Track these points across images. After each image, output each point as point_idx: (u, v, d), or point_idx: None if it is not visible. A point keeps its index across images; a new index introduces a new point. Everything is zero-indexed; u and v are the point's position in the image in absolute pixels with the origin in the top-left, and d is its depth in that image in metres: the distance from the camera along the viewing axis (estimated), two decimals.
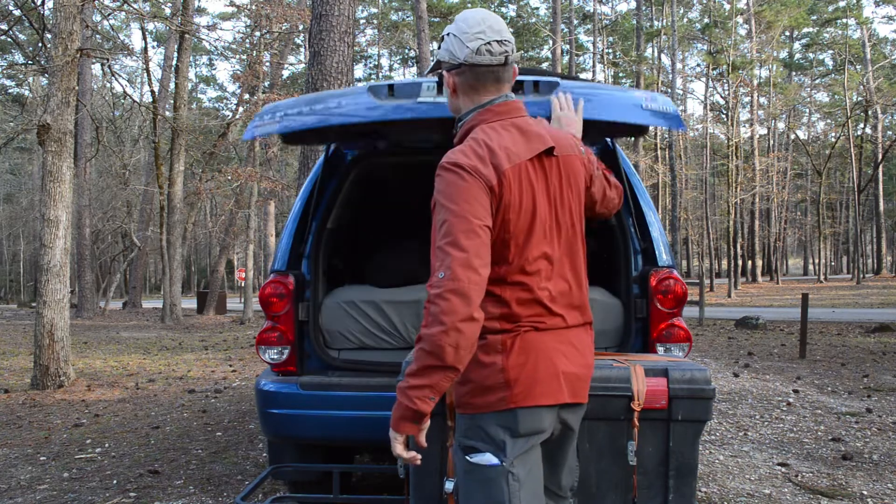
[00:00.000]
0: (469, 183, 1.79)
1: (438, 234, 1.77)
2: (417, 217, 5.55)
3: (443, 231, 1.76)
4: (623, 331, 3.62)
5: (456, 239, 1.73)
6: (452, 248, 1.72)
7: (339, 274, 4.36)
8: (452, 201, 1.77)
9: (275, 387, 3.40)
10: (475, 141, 1.89)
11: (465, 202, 1.76)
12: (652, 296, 3.44)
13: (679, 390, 2.49)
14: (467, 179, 1.79)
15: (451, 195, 1.79)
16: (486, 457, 1.87)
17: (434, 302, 1.70)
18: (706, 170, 41.07)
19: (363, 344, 3.72)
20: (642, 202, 3.77)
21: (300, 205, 3.88)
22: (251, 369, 10.19)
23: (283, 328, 3.51)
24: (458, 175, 1.80)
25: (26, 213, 28.11)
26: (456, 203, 1.76)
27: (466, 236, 1.73)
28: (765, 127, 47.08)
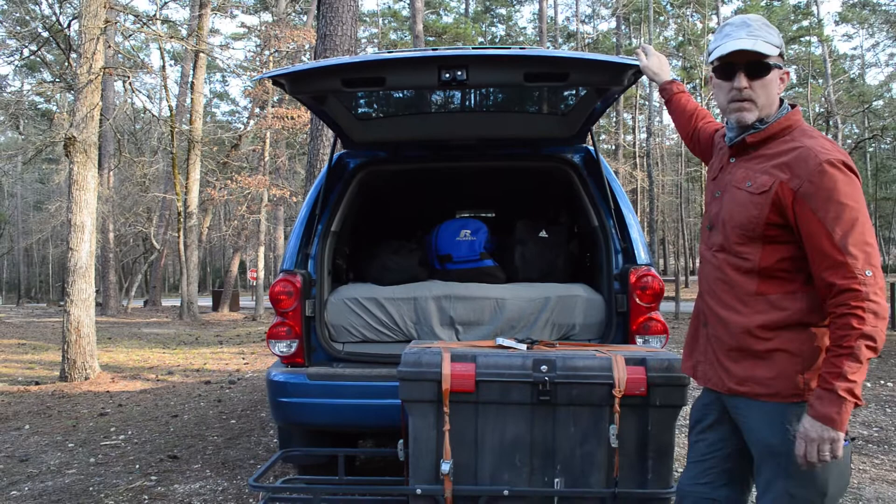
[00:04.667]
0: (858, 183, 1.83)
1: (850, 231, 1.78)
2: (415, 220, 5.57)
3: (858, 229, 1.78)
4: (605, 324, 3.63)
5: (871, 238, 1.79)
6: (871, 247, 1.78)
7: (343, 273, 4.36)
8: (855, 200, 1.79)
9: (284, 377, 3.40)
10: (829, 141, 1.90)
11: (863, 202, 1.82)
12: (631, 291, 3.44)
13: (657, 378, 2.49)
14: (857, 180, 1.84)
15: (855, 195, 1.80)
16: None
17: (872, 300, 1.75)
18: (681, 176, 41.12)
19: (365, 338, 3.72)
20: (622, 205, 3.77)
21: (307, 209, 3.88)
22: (262, 362, 10.17)
23: (292, 323, 3.50)
24: (855, 174, 1.83)
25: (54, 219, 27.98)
26: (858, 202, 1.79)
27: (871, 234, 1.80)
28: None
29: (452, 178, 5.00)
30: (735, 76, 1.96)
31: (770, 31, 1.95)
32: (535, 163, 4.18)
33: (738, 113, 1.98)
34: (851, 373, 1.72)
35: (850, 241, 1.76)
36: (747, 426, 1.94)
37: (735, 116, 1.99)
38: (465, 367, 2.53)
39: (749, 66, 1.94)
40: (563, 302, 3.66)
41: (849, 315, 1.74)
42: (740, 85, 1.95)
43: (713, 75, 2.02)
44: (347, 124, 3.96)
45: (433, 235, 4.36)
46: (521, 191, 5.47)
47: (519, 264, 4.20)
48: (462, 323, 3.69)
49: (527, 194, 5.51)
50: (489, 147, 4.15)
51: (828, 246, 1.79)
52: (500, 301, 3.68)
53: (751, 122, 1.97)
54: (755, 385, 1.89)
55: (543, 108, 4.10)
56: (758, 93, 1.95)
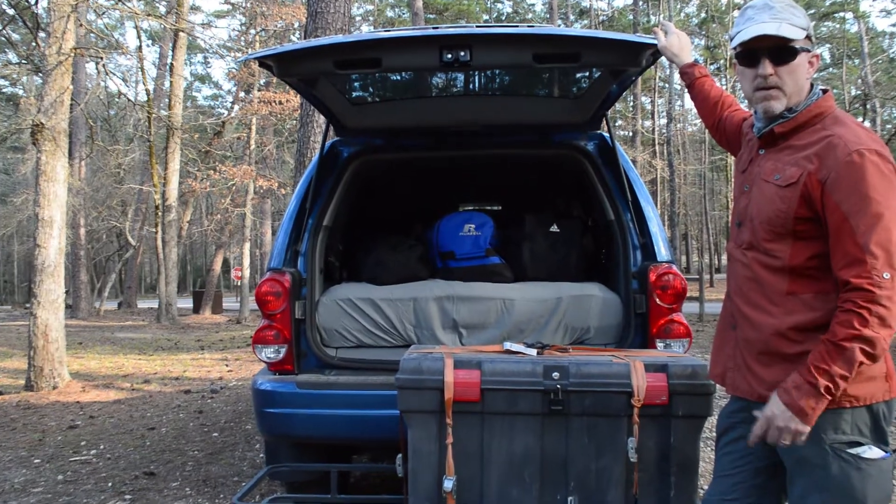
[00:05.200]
0: (893, 177, 1.80)
1: (874, 227, 1.76)
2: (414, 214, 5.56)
3: (883, 225, 1.76)
4: (622, 327, 3.62)
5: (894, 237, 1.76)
6: (893, 246, 1.75)
7: (336, 272, 4.36)
8: (885, 194, 1.78)
9: (272, 386, 3.39)
10: (864, 129, 1.88)
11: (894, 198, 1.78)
12: (651, 291, 3.44)
13: (679, 386, 2.48)
14: (893, 172, 1.80)
15: (885, 188, 1.78)
16: (871, 450, 1.85)
17: (883, 304, 1.74)
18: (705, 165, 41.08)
19: (360, 342, 3.72)
20: (640, 198, 3.77)
21: (296, 202, 3.88)
22: (248, 369, 10.18)
23: (280, 327, 3.50)
24: (891, 165, 1.81)
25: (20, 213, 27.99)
26: (888, 196, 1.77)
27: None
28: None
29: (455, 168, 4.99)
30: (759, 63, 1.95)
31: (795, 11, 1.95)
32: (544, 151, 4.17)
33: (765, 102, 1.97)
34: (839, 373, 1.75)
35: (874, 238, 1.75)
36: None
37: (762, 106, 1.99)
38: (469, 375, 2.52)
39: (773, 51, 1.93)
40: (577, 303, 3.66)
41: (853, 313, 1.74)
42: (765, 72, 1.94)
43: (736, 62, 2.02)
44: (340, 110, 3.95)
45: (434, 231, 4.36)
46: (529, 182, 5.46)
47: (528, 262, 4.20)
48: (466, 326, 3.69)
49: (536, 185, 5.50)
50: (495, 134, 4.15)
51: (849, 242, 1.78)
52: (507, 302, 3.67)
53: (778, 112, 1.97)
54: None
55: (554, 92, 4.08)
56: (784, 79, 1.94)
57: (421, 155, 4.27)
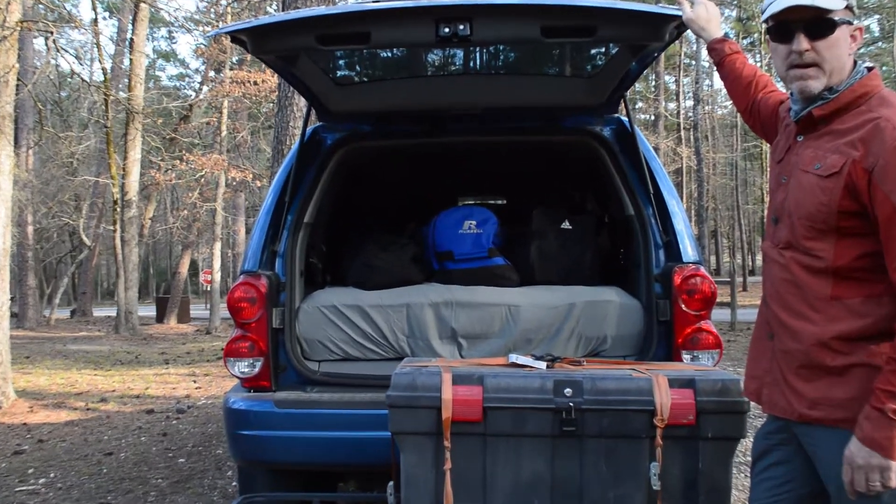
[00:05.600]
0: None
1: None
2: (408, 209, 5.56)
3: None
4: (643, 336, 3.63)
5: None
6: None
7: (319, 275, 4.35)
8: None
9: (246, 405, 3.39)
10: None
11: None
12: (676, 296, 3.44)
13: (708, 404, 2.48)
14: None
15: None
16: None
17: None
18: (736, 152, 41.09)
19: (346, 355, 3.72)
20: (664, 190, 3.77)
21: (274, 196, 3.87)
22: (218, 385, 10.17)
23: (255, 337, 3.50)
24: None
25: None
26: None
27: None
28: None
29: (454, 157, 4.99)
30: (793, 37, 1.95)
31: None
32: (555, 137, 4.17)
33: (801, 82, 1.97)
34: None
35: None
36: (822, 459, 1.93)
37: (797, 86, 1.98)
38: (470, 391, 2.52)
39: (809, 24, 1.93)
40: (592, 309, 3.66)
41: None
42: (800, 48, 1.94)
43: (768, 38, 2.01)
44: (324, 91, 3.95)
45: (430, 228, 4.36)
46: (538, 172, 5.46)
47: (536, 263, 4.20)
48: (466, 336, 3.69)
49: (545, 176, 5.50)
50: (499, 118, 4.15)
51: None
52: (512, 308, 3.68)
53: (817, 92, 1.96)
54: (831, 409, 1.89)
55: (565, 71, 4.08)
56: (823, 56, 1.94)
57: (415, 142, 4.27)
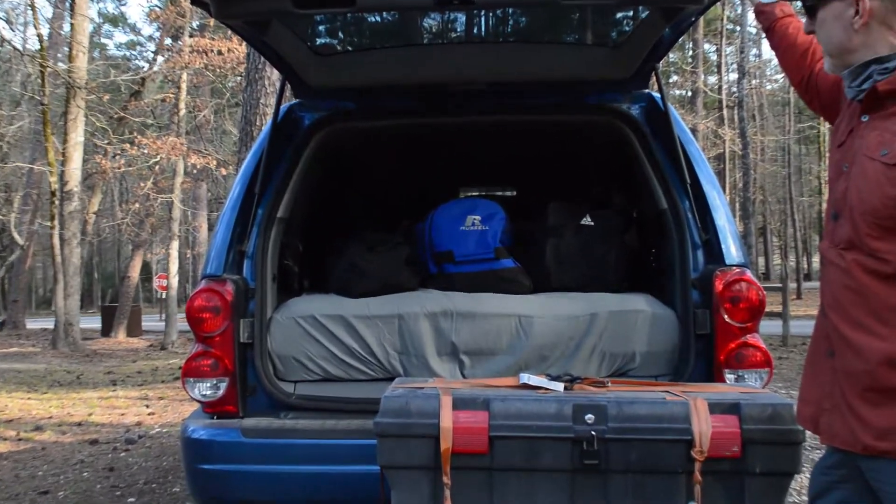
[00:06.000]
0: None
1: None
2: (400, 202, 5.56)
3: None
4: (679, 353, 3.63)
5: None
6: None
7: (295, 280, 4.35)
8: None
9: (208, 434, 3.39)
10: None
11: None
12: (718, 305, 3.44)
13: (756, 433, 2.48)
14: None
15: None
16: None
17: None
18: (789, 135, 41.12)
19: (328, 374, 3.73)
20: (703, 180, 3.77)
21: (241, 187, 3.88)
22: (175, 411, 10.16)
23: (219, 354, 3.50)
24: None
25: None
26: None
27: None
28: None
29: (454, 140, 4.98)
30: None
31: None
32: (574, 117, 4.17)
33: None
34: None
35: None
36: (891, 498, 1.93)
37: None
38: (473, 418, 2.52)
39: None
40: (617, 320, 3.66)
41: None
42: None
43: None
44: (301, 62, 3.95)
45: (426, 224, 4.36)
46: (554, 158, 5.46)
47: (552, 265, 4.20)
48: (469, 352, 3.69)
49: (563, 164, 5.50)
50: (507, 95, 4.15)
51: None
52: (523, 319, 3.68)
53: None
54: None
55: (586, 38, 4.09)
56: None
57: (408, 123, 4.27)
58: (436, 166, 5.66)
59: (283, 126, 4.03)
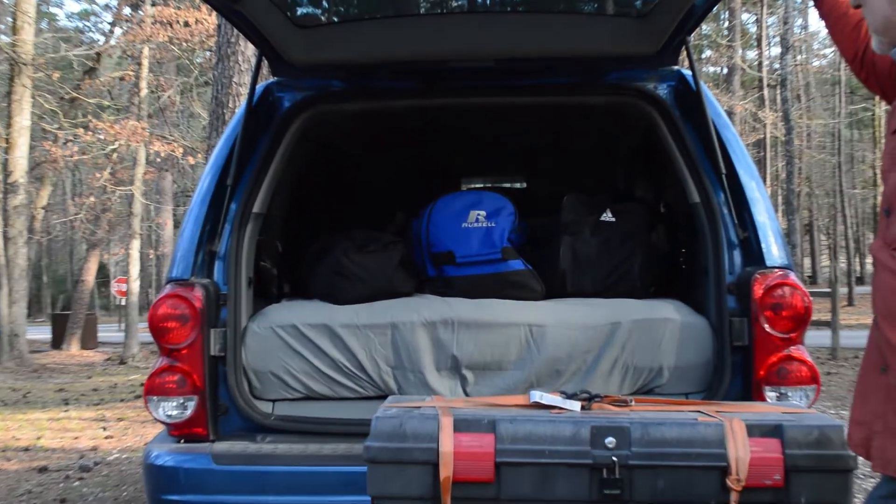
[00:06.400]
0: None
1: None
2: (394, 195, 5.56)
3: None
4: (713, 367, 3.64)
5: None
6: None
7: (274, 284, 4.36)
8: None
9: (174, 460, 3.39)
10: None
11: None
12: (757, 313, 3.45)
13: (801, 458, 2.48)
14: None
15: None
16: None
17: None
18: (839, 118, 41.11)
19: (311, 392, 3.73)
20: (740, 169, 3.78)
21: (212, 178, 3.89)
22: (137, 434, 10.16)
23: (187, 368, 3.51)
24: None
25: None
26: None
27: None
28: None
29: (456, 124, 4.99)
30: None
31: None
32: (593, 98, 4.18)
33: None
34: None
35: None
36: None
37: None
38: (478, 441, 2.53)
39: None
40: (642, 330, 3.67)
41: None
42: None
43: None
44: (280, 35, 3.95)
45: (423, 220, 4.36)
46: (569, 145, 5.47)
47: (567, 267, 4.21)
48: (472, 366, 3.70)
49: (580, 151, 5.51)
50: (517, 73, 4.15)
51: None
52: (535, 329, 3.68)
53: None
54: None
55: (607, 7, 4.09)
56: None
57: (403, 104, 4.27)
58: (435, 155, 5.67)
59: (260, 108, 4.04)
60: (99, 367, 20.90)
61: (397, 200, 5.25)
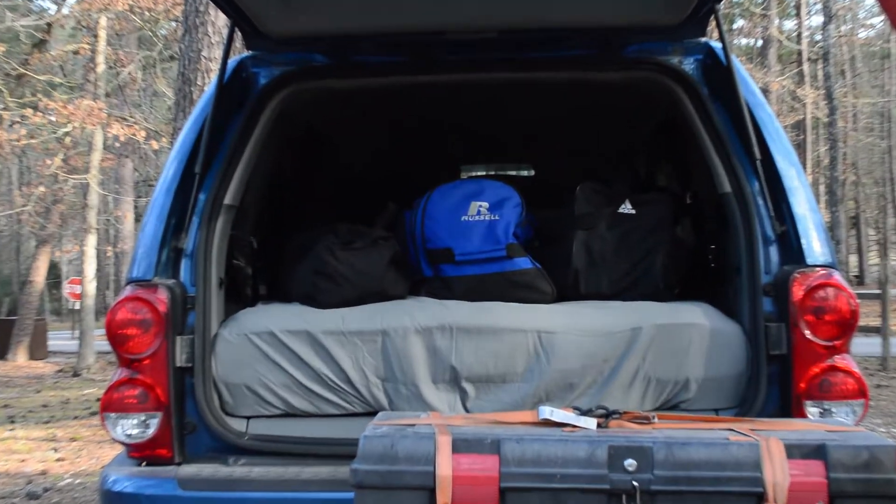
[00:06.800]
0: None
1: None
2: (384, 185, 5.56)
3: None
4: (746, 379, 3.64)
5: None
6: None
7: (248, 285, 4.36)
8: None
9: (135, 486, 3.40)
10: None
11: None
12: (797, 317, 3.45)
13: (847, 483, 2.49)
14: None
15: None
16: None
17: None
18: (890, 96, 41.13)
19: (290, 408, 3.73)
20: (777, 154, 3.78)
21: (178, 165, 3.89)
22: (92, 456, 10.16)
23: (149, 381, 3.51)
24: None
25: None
26: None
27: None
28: None
29: (455, 104, 4.99)
30: None
31: None
32: (610, 74, 4.17)
33: None
34: None
35: None
36: None
37: None
38: (480, 464, 2.53)
39: None
40: (667, 337, 3.67)
41: None
42: None
43: None
44: (255, 2, 3.95)
45: (418, 213, 4.36)
46: (583, 128, 5.47)
47: (580, 265, 4.21)
48: (473, 378, 3.70)
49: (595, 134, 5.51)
50: (524, 46, 4.15)
51: None
52: (544, 336, 3.68)
53: None
54: None
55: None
56: None
57: (395, 81, 4.27)
58: (431, 139, 5.67)
59: (232, 86, 4.03)
60: (49, 379, 20.90)
61: (388, 190, 5.24)
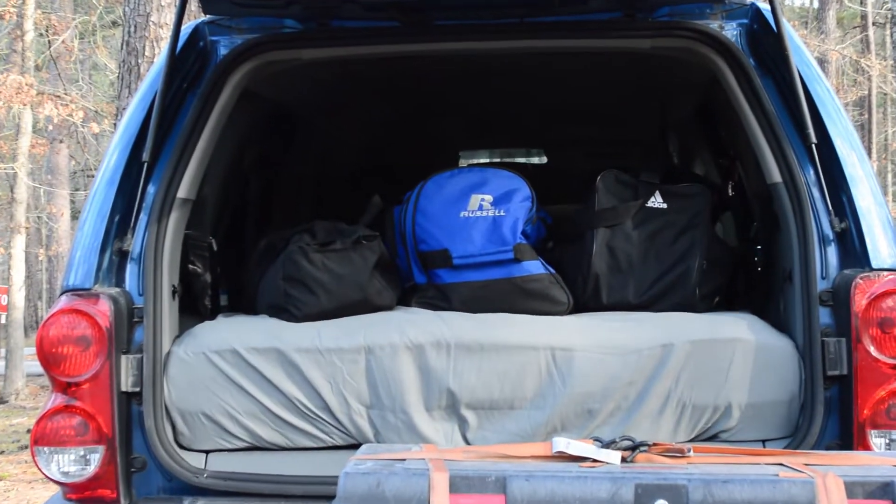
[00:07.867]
0: None
1: None
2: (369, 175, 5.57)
3: None
4: (800, 404, 3.65)
5: None
6: None
7: (206, 294, 4.36)
8: None
9: None
10: None
11: None
12: (860, 331, 3.46)
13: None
14: None
15: None
16: None
17: None
18: None
19: (257, 439, 3.75)
20: (836, 138, 3.78)
21: (123, 152, 3.89)
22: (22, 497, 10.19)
23: (90, 409, 3.51)
24: None
25: None
26: None
27: None
28: None
29: (453, 78, 5.00)
30: None
31: None
32: (637, 41, 4.18)
33: None
34: None
35: None
36: None
37: None
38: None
39: None
40: (703, 355, 3.68)
41: None
42: None
43: None
44: None
45: (409, 208, 4.37)
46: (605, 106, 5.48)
47: (602, 270, 4.21)
48: (475, 404, 3.71)
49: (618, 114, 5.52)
50: (533, 7, 4.15)
51: None
52: (559, 354, 3.69)
53: None
54: None
55: None
56: None
57: (381, 51, 4.28)
58: (424, 119, 5.68)
59: (187, 57, 4.04)
60: None
61: (373, 181, 5.25)
